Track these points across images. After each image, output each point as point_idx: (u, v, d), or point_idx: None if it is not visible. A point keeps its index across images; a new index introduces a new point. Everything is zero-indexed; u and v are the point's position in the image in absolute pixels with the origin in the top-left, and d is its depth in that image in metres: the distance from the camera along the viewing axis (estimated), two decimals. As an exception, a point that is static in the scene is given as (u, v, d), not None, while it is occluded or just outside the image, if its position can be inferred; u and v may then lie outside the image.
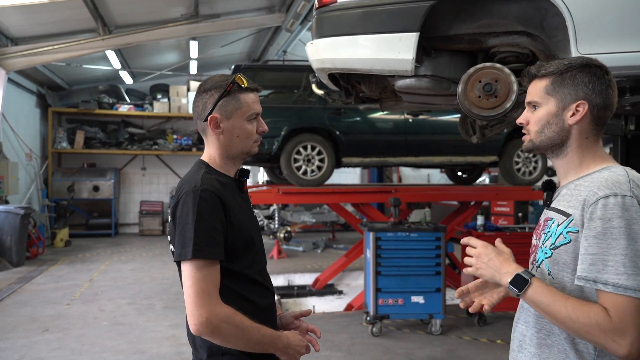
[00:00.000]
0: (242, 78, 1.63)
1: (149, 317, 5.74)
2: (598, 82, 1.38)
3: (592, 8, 2.88)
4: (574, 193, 1.37)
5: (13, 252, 8.33)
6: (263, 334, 1.53)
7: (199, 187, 1.51)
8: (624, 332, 1.23)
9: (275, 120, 6.24)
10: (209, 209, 1.49)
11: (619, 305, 1.23)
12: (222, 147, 1.65)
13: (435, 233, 5.22)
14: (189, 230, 1.47)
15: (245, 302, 1.58)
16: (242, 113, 1.63)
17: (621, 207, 1.26)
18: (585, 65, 1.39)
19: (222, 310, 1.47)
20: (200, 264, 1.46)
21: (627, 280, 1.23)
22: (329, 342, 4.89)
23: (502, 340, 4.97)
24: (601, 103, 1.38)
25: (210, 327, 1.44)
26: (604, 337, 1.24)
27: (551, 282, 1.38)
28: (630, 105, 3.21)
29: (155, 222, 12.62)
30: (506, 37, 3.19)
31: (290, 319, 1.80)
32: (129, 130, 12.67)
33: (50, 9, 7.44)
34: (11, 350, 4.64)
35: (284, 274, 8.16)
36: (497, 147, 6.61)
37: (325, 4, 3.29)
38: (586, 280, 1.28)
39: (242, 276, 1.60)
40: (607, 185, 1.30)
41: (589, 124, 1.40)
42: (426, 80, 3.28)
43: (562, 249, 1.35)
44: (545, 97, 1.42)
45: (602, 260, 1.25)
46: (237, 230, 1.57)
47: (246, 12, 9.19)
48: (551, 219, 1.43)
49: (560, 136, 1.41)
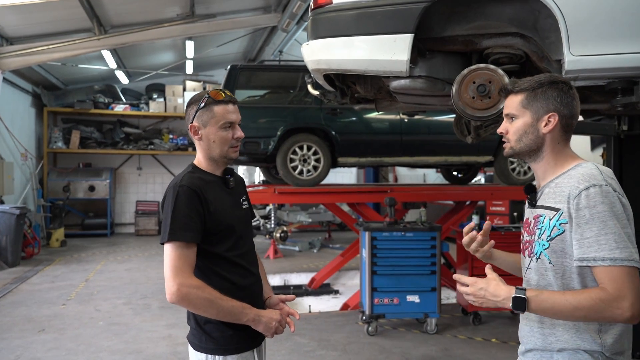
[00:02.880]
0: (219, 92, 1.91)
1: (145, 317, 5.75)
2: (565, 96, 1.62)
3: (584, 10, 2.91)
4: (557, 190, 1.60)
5: (8, 252, 8.31)
6: (232, 305, 1.77)
7: (178, 184, 1.82)
8: (622, 297, 1.43)
9: (271, 120, 6.25)
10: (185, 200, 1.78)
11: (615, 276, 1.44)
12: (204, 151, 1.93)
13: (430, 233, 5.24)
14: (168, 218, 1.77)
15: (224, 281, 1.85)
16: (215, 122, 1.89)
17: (601, 195, 1.49)
18: (553, 82, 1.63)
19: (192, 281, 1.73)
20: (175, 246, 1.75)
21: (621, 253, 1.45)
22: (325, 342, 4.91)
23: (497, 339, 5.01)
24: (568, 113, 1.63)
25: (181, 295, 1.70)
26: (609, 308, 1.43)
27: (553, 269, 1.58)
28: (622, 106, 3.23)
29: (151, 222, 12.60)
30: (500, 38, 3.22)
31: (277, 301, 2.05)
32: (125, 130, 12.65)
33: (46, 8, 7.43)
34: (7, 351, 4.64)
35: (280, 274, 8.18)
36: (492, 147, 6.64)
37: (321, 5, 3.30)
38: (587, 260, 1.48)
39: (222, 258, 1.87)
40: (584, 179, 1.53)
41: (559, 131, 1.64)
42: (421, 81, 3.30)
43: (557, 239, 1.56)
44: (521, 110, 1.65)
45: (597, 242, 1.47)
46: (216, 218, 1.84)
47: (242, 12, 9.19)
48: (541, 215, 1.63)
49: (536, 143, 1.65)
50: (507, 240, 5.53)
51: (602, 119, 4.48)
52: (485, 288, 1.56)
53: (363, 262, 5.38)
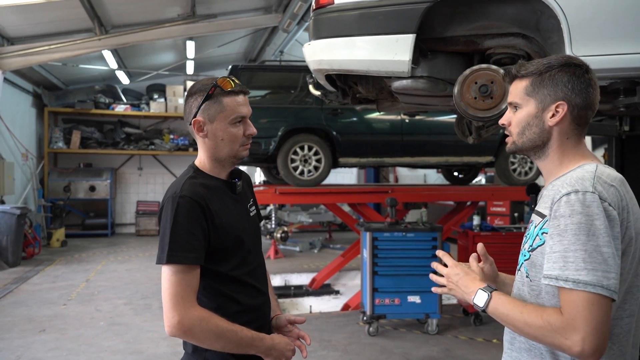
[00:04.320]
0: (228, 81, 1.61)
1: (146, 317, 5.74)
2: (578, 82, 1.35)
3: (586, 10, 2.90)
4: (550, 194, 1.35)
5: (9, 252, 8.31)
6: (241, 337, 1.53)
7: (177, 194, 1.53)
8: (574, 328, 1.19)
9: (272, 120, 6.25)
10: (186, 215, 1.51)
11: (572, 301, 1.21)
12: (209, 150, 1.65)
13: (431, 233, 5.24)
14: (166, 235, 1.50)
15: (231, 303, 1.61)
16: (225, 116, 1.61)
17: (581, 204, 1.24)
18: (565, 65, 1.36)
19: (196, 313, 1.48)
20: (175, 269, 1.48)
21: (587, 275, 1.20)
22: (326, 342, 4.91)
23: (498, 340, 5.00)
24: (581, 103, 1.36)
25: (182, 329, 1.47)
26: (557, 336, 1.21)
27: (529, 284, 1.37)
28: (624, 106, 3.23)
29: (152, 222, 12.60)
30: (502, 38, 3.21)
31: (285, 322, 1.81)
32: (126, 130, 12.65)
33: (47, 8, 7.43)
34: (8, 351, 4.64)
35: (280, 274, 8.18)
36: (493, 147, 6.64)
37: (323, 5, 3.30)
38: (550, 278, 1.25)
39: (229, 277, 1.61)
40: (570, 182, 1.28)
41: (569, 124, 1.38)
42: (422, 81, 3.30)
43: (538, 250, 1.33)
44: (525, 98, 1.40)
45: (563, 258, 1.23)
46: (223, 232, 1.58)
47: (243, 13, 9.19)
48: (532, 221, 1.42)
49: (541, 138, 1.39)
50: (508, 241, 5.54)
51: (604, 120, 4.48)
52: (461, 275, 1.41)
53: (364, 262, 5.37)
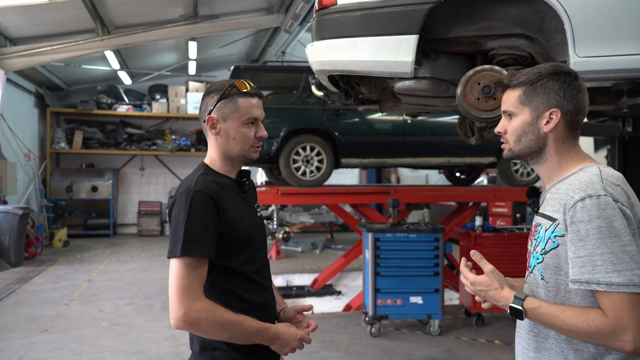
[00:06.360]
0: (244, 83, 1.69)
1: (148, 317, 5.75)
2: (568, 89, 1.43)
3: (590, 11, 2.90)
4: (556, 197, 1.41)
5: (11, 253, 8.32)
6: (246, 327, 1.56)
7: (192, 188, 1.58)
8: (623, 329, 1.25)
9: (274, 121, 6.24)
10: (200, 208, 1.55)
11: (614, 303, 1.27)
12: (220, 148, 1.70)
13: (433, 234, 5.24)
14: (180, 229, 1.54)
15: (238, 300, 1.64)
16: (238, 116, 1.67)
17: (598, 208, 1.30)
18: (555, 73, 1.44)
19: (201, 305, 1.51)
20: (187, 262, 1.52)
21: (618, 277, 1.26)
22: (328, 343, 4.91)
23: (500, 341, 4.99)
24: (573, 108, 1.43)
25: (188, 321, 1.50)
26: (608, 339, 1.27)
27: (545, 286, 1.42)
28: (627, 107, 3.23)
29: (154, 222, 12.62)
30: (505, 39, 3.22)
31: (293, 313, 1.84)
32: (128, 130, 12.65)
33: (49, 9, 7.44)
34: (10, 351, 4.65)
35: (282, 275, 8.18)
36: (495, 148, 6.62)
37: (326, 6, 3.31)
38: (580, 282, 1.31)
39: (237, 274, 1.65)
40: (581, 187, 1.34)
41: (563, 129, 1.45)
42: (425, 82, 3.30)
43: (552, 253, 1.39)
44: (519, 106, 1.47)
45: (591, 262, 1.29)
46: (234, 228, 1.62)
47: (245, 13, 9.20)
48: (539, 225, 1.47)
49: (537, 144, 1.46)
50: (511, 242, 5.53)
51: (606, 121, 4.48)
52: (485, 291, 1.47)
53: (366, 263, 5.37)
